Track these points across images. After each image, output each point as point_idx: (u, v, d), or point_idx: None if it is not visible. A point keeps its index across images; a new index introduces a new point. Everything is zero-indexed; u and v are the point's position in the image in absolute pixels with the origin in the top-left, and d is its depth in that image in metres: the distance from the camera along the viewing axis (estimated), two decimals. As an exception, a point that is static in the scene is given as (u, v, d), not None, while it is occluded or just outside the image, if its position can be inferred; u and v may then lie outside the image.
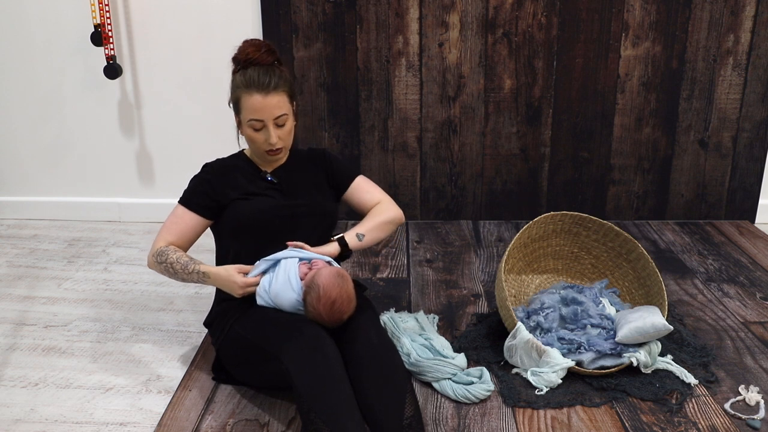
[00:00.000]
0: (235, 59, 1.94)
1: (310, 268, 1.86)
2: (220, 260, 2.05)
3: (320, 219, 2.03)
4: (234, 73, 1.95)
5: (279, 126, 1.93)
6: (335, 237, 2.02)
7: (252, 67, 1.91)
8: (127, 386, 2.03)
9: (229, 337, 1.89)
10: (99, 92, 3.24)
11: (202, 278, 1.91)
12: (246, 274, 1.89)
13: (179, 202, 2.02)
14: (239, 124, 1.99)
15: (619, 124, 3.23)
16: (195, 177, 2.04)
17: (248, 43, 1.94)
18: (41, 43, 3.18)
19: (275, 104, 1.89)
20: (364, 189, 2.15)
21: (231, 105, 1.98)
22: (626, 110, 3.21)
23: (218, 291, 2.03)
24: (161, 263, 1.95)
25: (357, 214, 2.19)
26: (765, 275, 2.74)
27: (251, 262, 1.91)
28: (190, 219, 2.00)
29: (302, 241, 1.94)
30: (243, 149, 2.12)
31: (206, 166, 2.05)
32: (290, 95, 1.95)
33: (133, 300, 2.59)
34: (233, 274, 1.88)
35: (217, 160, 2.08)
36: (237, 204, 1.97)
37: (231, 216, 1.97)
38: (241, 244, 1.97)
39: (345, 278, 1.81)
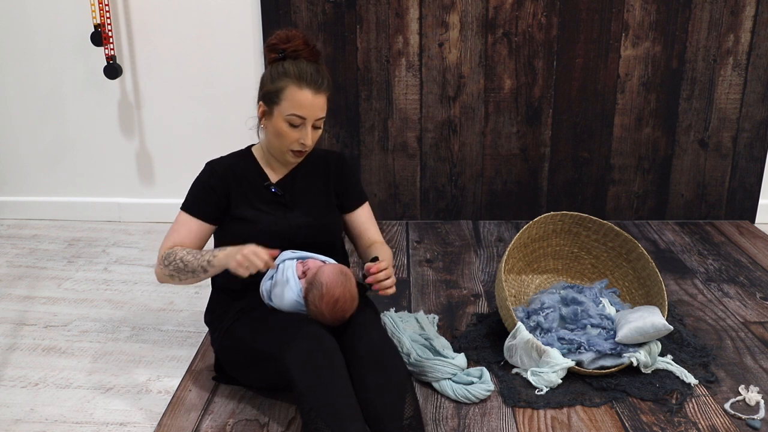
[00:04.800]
0: (275, 47, 1.85)
1: (304, 271, 1.83)
2: None
3: (319, 239, 1.96)
4: (276, 60, 1.85)
5: (315, 128, 1.86)
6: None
7: (302, 60, 1.83)
8: (127, 386, 2.03)
9: (228, 337, 1.89)
10: (99, 92, 3.24)
11: (211, 262, 1.78)
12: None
13: (182, 208, 1.92)
14: (266, 115, 1.86)
15: (619, 124, 3.23)
16: (197, 181, 1.93)
17: (294, 35, 1.84)
18: (41, 43, 3.18)
19: (321, 105, 1.82)
20: (367, 222, 2.06)
21: (264, 92, 1.85)
22: (626, 110, 3.21)
23: (214, 284, 2.00)
24: (169, 264, 1.82)
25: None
26: (765, 275, 2.74)
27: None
28: (196, 226, 1.89)
29: None
30: (252, 146, 2.01)
31: (209, 168, 1.93)
32: (329, 99, 1.88)
33: (133, 300, 2.59)
34: (245, 246, 1.75)
35: (221, 159, 1.97)
36: (236, 220, 1.90)
37: (229, 232, 1.91)
38: None
39: (348, 276, 1.80)
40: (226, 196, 1.91)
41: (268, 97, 1.84)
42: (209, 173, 1.93)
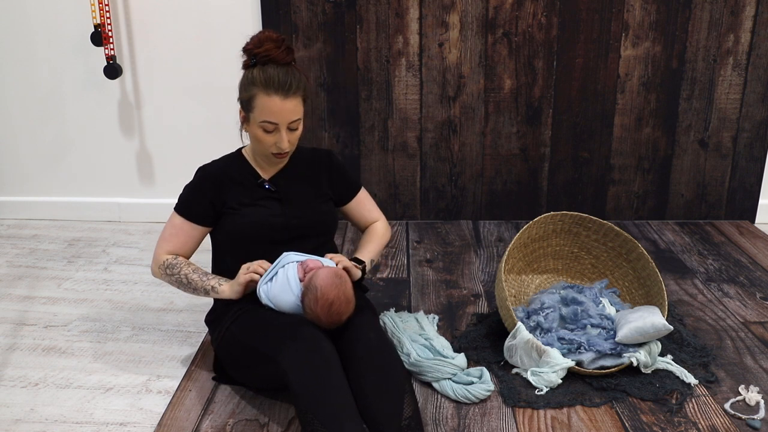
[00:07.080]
0: (250, 52, 1.85)
1: (306, 272, 1.84)
2: (216, 264, 2.05)
3: (317, 230, 2.00)
4: (248, 66, 1.86)
5: (291, 130, 1.86)
6: (357, 263, 1.98)
7: (271, 65, 1.83)
8: (127, 386, 2.03)
9: (227, 338, 1.89)
10: (99, 92, 3.24)
11: (216, 289, 1.90)
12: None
13: (175, 209, 1.97)
14: (245, 120, 1.90)
15: (619, 124, 3.23)
16: (190, 184, 1.98)
17: (266, 37, 1.84)
18: (41, 43, 3.18)
19: (292, 108, 1.83)
20: (365, 206, 2.17)
21: (239, 100, 1.89)
22: (626, 110, 3.21)
23: None
24: (172, 275, 1.94)
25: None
26: (765, 275, 2.74)
27: None
28: (189, 228, 1.95)
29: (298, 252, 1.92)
30: (241, 148, 2.05)
31: (201, 172, 1.97)
32: (305, 99, 1.88)
33: (133, 300, 2.59)
34: (237, 279, 1.87)
35: (213, 163, 2.00)
36: (231, 216, 1.92)
37: (225, 228, 1.94)
38: (235, 255, 1.94)
39: (343, 279, 1.80)
40: (219, 200, 1.94)
41: (243, 104, 1.89)
42: (201, 178, 1.97)
